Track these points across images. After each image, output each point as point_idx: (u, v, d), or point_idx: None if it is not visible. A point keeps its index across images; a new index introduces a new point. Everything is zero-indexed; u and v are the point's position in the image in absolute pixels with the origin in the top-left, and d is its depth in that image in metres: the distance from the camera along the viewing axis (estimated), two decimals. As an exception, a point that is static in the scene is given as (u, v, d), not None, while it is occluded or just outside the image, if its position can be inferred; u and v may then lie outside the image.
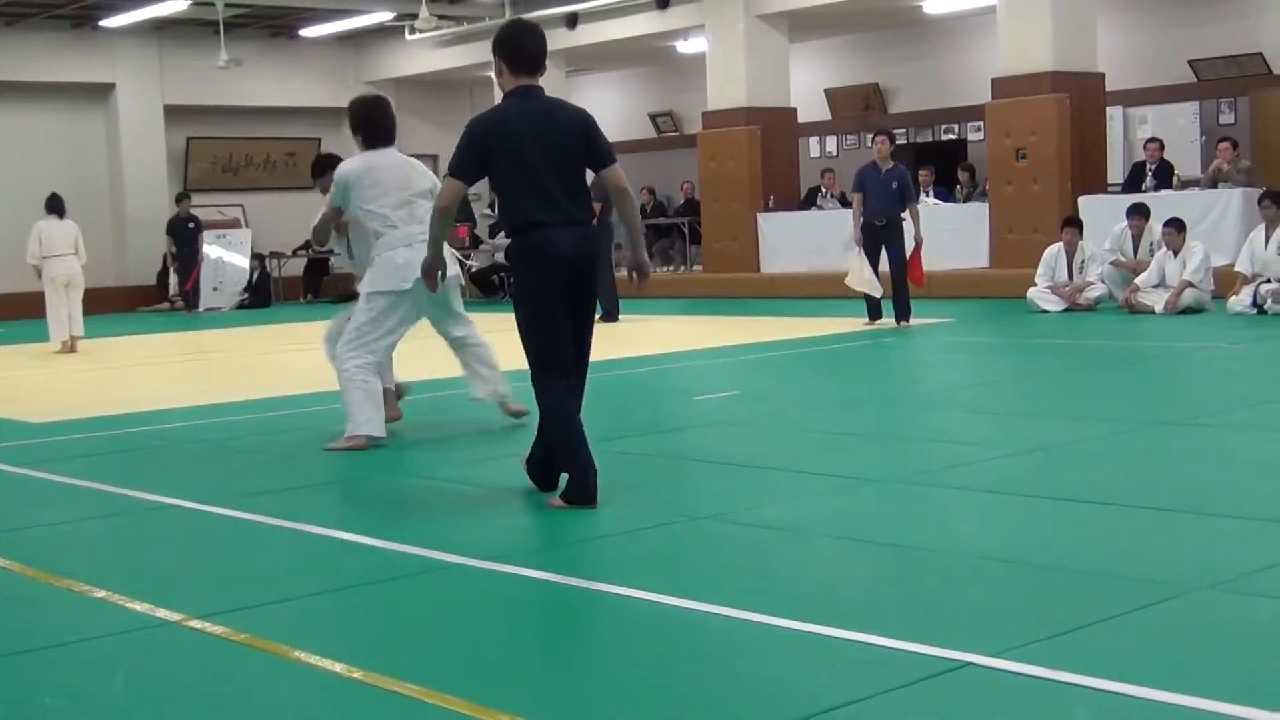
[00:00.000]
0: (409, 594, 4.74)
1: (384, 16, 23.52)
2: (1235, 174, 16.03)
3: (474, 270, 21.87)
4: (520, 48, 5.98)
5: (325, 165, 8.37)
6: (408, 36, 24.32)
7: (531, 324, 5.91)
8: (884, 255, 13.77)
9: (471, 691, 3.58)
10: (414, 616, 4.50)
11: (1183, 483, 5.98)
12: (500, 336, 9.17)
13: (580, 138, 5.93)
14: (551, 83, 6.89)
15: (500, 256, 21.13)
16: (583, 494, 5.82)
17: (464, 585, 4.80)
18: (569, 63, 23.99)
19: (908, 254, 13.79)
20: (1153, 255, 14.32)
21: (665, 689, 3.63)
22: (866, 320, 13.92)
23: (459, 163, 5.96)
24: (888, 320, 13.77)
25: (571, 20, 21.99)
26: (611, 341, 12.91)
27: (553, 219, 5.85)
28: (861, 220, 13.83)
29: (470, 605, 4.56)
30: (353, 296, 7.88)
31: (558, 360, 5.89)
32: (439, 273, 6.31)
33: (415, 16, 21.56)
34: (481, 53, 24.16)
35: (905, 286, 13.81)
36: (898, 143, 14.21)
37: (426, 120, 26.76)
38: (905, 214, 13.77)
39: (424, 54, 25.35)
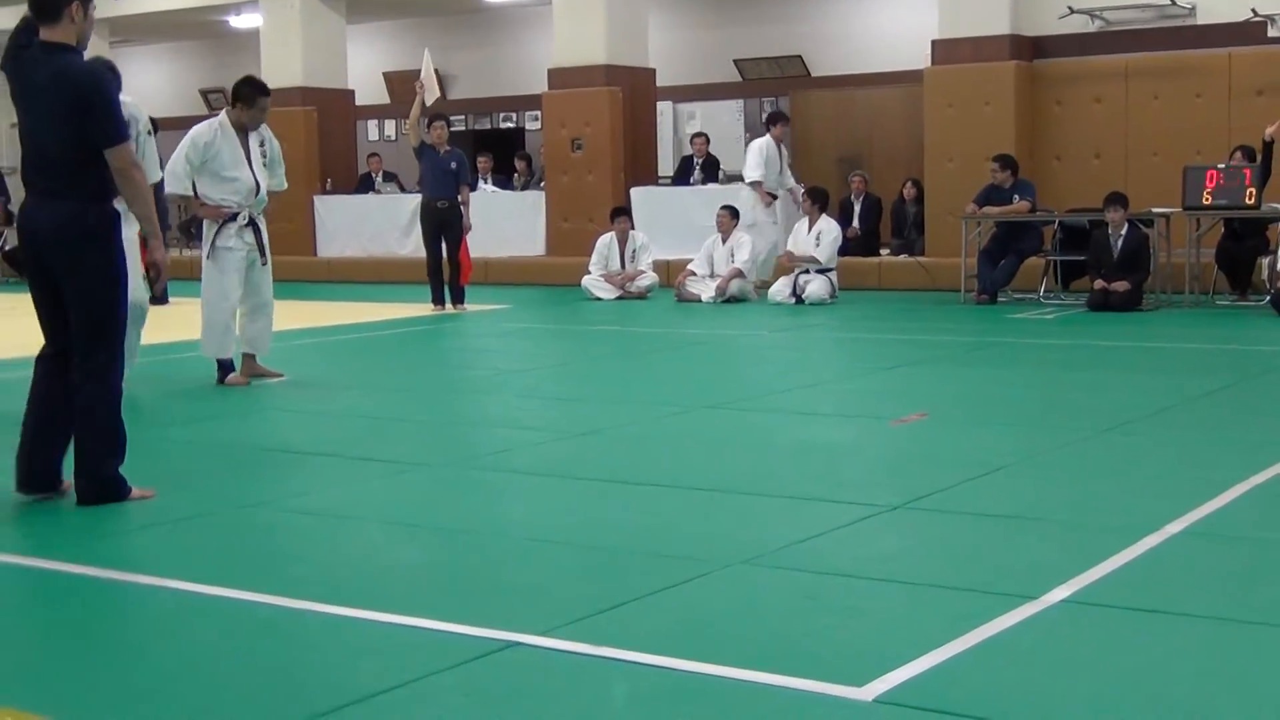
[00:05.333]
0: (-76, 593, 4.41)
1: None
2: (774, 170, 16.84)
3: (8, 249, 20.59)
4: None
5: None
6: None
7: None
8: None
9: (-9, 694, 3.36)
10: (-72, 617, 4.19)
11: (721, 464, 6.23)
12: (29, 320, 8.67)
13: (73, 107, 5.31)
14: (95, 54, 6.42)
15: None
16: (20, 483, 5.51)
17: (-13, 582, 4.51)
18: (114, 33, 22.88)
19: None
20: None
21: (205, 681, 3.50)
22: (432, 305, 13.94)
23: None
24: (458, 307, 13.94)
25: (116, -13, 20.92)
26: (158, 326, 12.42)
27: (31, 187, 5.46)
28: (422, 200, 14.12)
29: (-7, 603, 4.28)
30: None
31: (45, 337, 5.52)
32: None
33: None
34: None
35: (459, 271, 13.97)
36: (454, 129, 14.36)
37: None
38: (461, 197, 13.93)
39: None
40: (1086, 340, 10.84)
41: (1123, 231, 12.75)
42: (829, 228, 14.14)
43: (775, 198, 15.23)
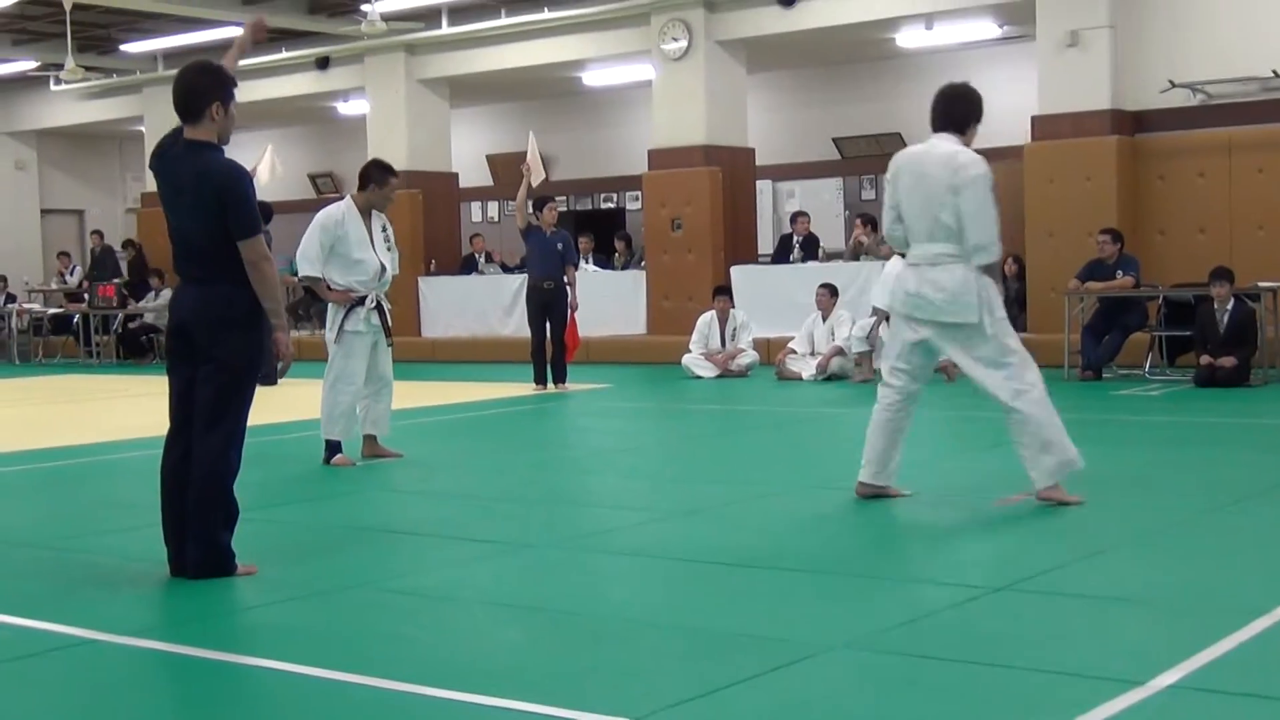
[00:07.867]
0: (39, 673, 4.49)
1: (27, 65, 22.56)
2: (875, 247, 16.84)
3: (123, 330, 21.08)
4: (173, 92, 5.75)
5: None
6: (53, 87, 23.39)
7: None
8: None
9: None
10: (45, 697, 4.27)
11: (821, 545, 6.20)
12: (141, 401, 8.81)
13: (214, 201, 5.60)
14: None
15: (151, 317, 20.40)
16: (178, 568, 5.67)
17: (99, 663, 4.58)
18: (225, 120, 23.42)
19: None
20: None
21: (308, 764, 3.54)
22: (535, 385, 14.00)
23: None
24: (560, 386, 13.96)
25: (229, 77, 21.43)
26: (267, 406, 12.62)
27: (182, 276, 5.82)
28: (528, 281, 14.17)
29: (106, 683, 4.35)
30: None
31: (171, 420, 5.76)
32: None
33: (61, 66, 20.74)
34: (131, 106, 23.45)
35: (564, 351, 14.03)
36: (559, 211, 14.55)
37: (71, 175, 25.77)
38: (567, 277, 14.00)
39: (70, 105, 24.42)
40: (1193, 417, 10.67)
41: (1229, 306, 12.58)
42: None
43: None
